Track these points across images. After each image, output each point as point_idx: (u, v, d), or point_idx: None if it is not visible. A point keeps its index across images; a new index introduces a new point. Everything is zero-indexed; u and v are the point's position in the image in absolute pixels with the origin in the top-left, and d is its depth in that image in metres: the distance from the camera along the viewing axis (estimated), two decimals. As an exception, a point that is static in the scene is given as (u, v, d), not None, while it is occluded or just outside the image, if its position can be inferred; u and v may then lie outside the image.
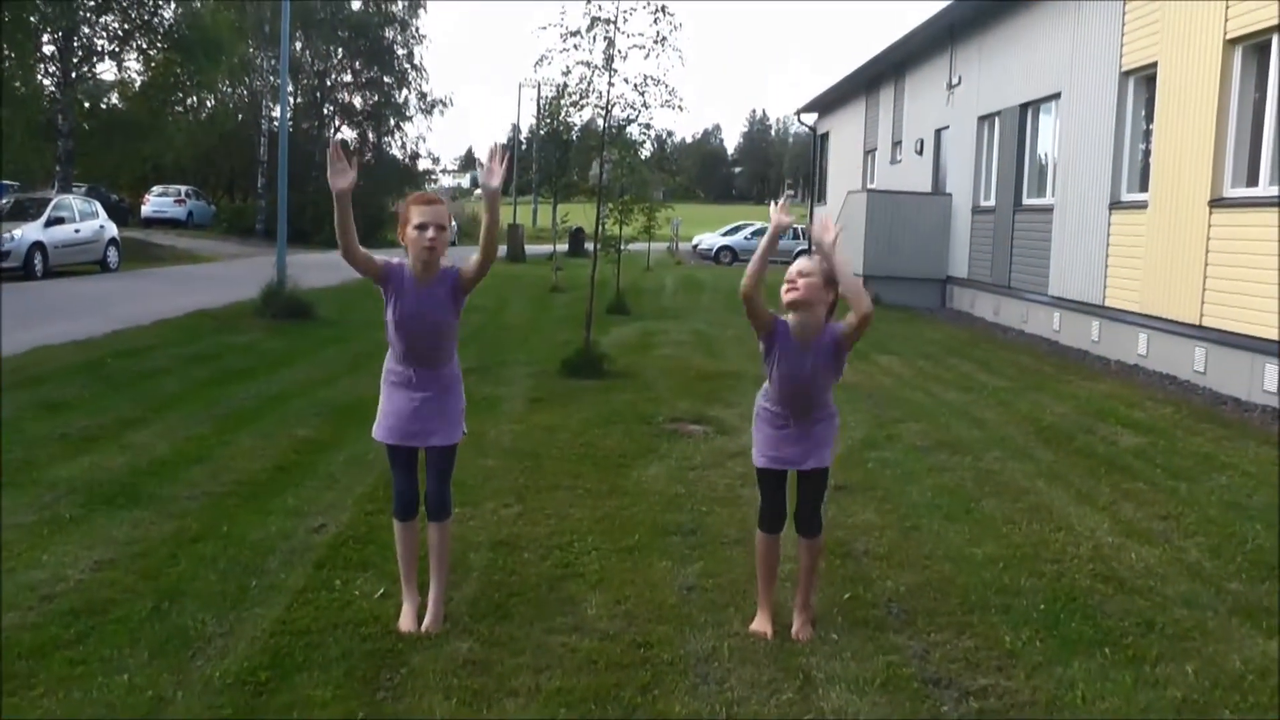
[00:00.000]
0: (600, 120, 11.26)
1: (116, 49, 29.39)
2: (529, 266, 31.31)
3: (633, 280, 22.96)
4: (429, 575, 4.42)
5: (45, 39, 27.25)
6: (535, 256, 35.30)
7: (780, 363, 4.21)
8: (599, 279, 12.11)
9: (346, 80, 46.88)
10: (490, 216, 4.13)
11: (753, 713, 3.68)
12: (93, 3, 27.76)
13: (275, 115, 38.64)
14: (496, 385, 10.11)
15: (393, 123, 47.59)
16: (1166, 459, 7.74)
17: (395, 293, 4.23)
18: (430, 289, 4.20)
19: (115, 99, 32.84)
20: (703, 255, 42.62)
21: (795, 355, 4.18)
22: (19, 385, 9.22)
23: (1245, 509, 6.42)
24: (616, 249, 15.73)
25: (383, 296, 4.27)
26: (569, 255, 32.23)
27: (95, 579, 4.71)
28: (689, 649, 4.18)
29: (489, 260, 4.19)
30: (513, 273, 28.73)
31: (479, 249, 4.16)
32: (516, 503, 6.13)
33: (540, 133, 42.32)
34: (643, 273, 28.11)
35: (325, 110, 46.43)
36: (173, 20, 29.12)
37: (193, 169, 45.47)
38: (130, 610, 4.36)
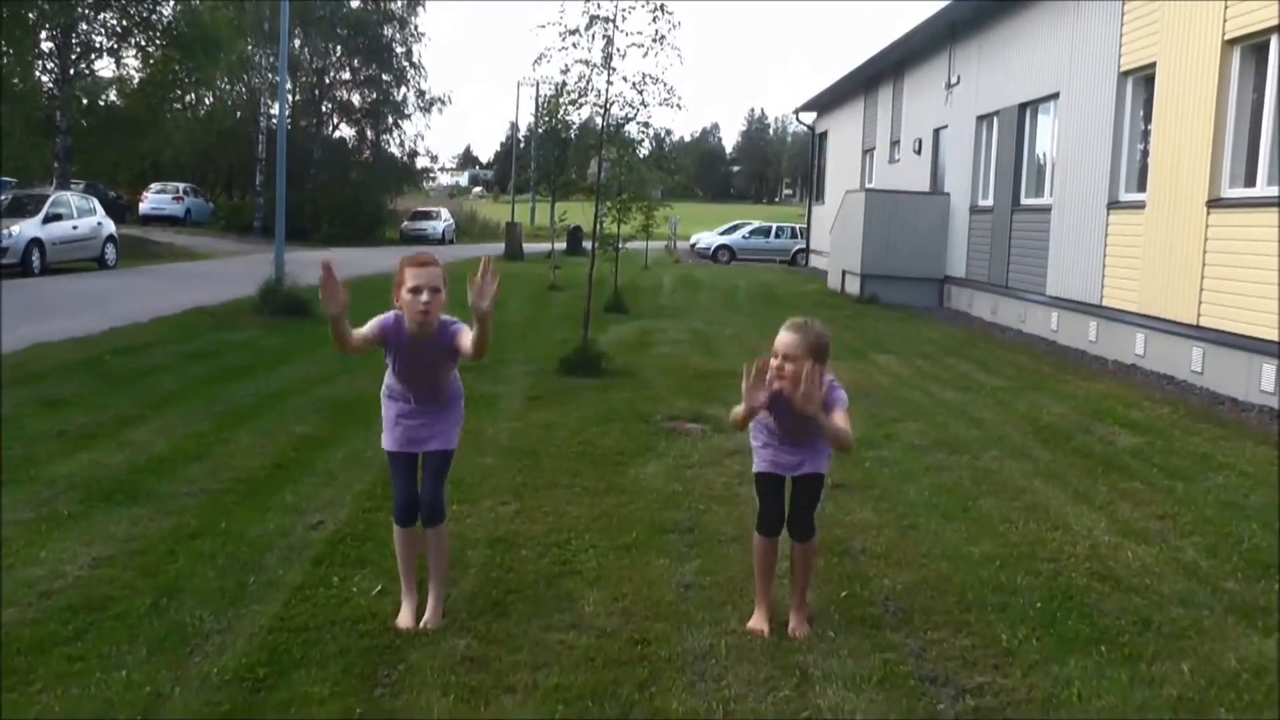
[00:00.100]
0: (599, 119, 11.26)
1: (115, 46, 29.42)
2: (527, 265, 31.33)
3: (631, 279, 22.99)
4: (427, 574, 4.44)
5: (44, 35, 27.25)
6: (533, 255, 35.32)
7: (779, 418, 4.31)
8: (597, 277, 12.13)
9: (345, 78, 46.98)
10: (480, 329, 4.06)
11: (750, 710, 3.68)
12: (91, -1, 27.80)
13: (274, 112, 38.65)
14: (494, 383, 10.11)
15: (391, 120, 47.74)
16: (1164, 458, 7.76)
17: (394, 349, 4.28)
18: (428, 342, 4.24)
19: (114, 96, 32.82)
20: (700, 254, 42.68)
21: (792, 415, 4.23)
22: (18, 382, 9.22)
23: (1242, 508, 6.44)
24: (614, 247, 15.73)
25: (383, 351, 4.32)
26: (567, 254, 32.23)
27: (94, 575, 4.71)
28: (686, 646, 4.19)
29: (481, 356, 4.19)
30: (511, 271, 28.74)
31: (473, 344, 4.13)
32: (514, 500, 6.14)
33: (539, 131, 42.30)
34: (641, 271, 28.14)
35: (324, 108, 46.51)
36: (171, 17, 29.14)
37: (191, 166, 45.54)
38: (129, 607, 4.37)
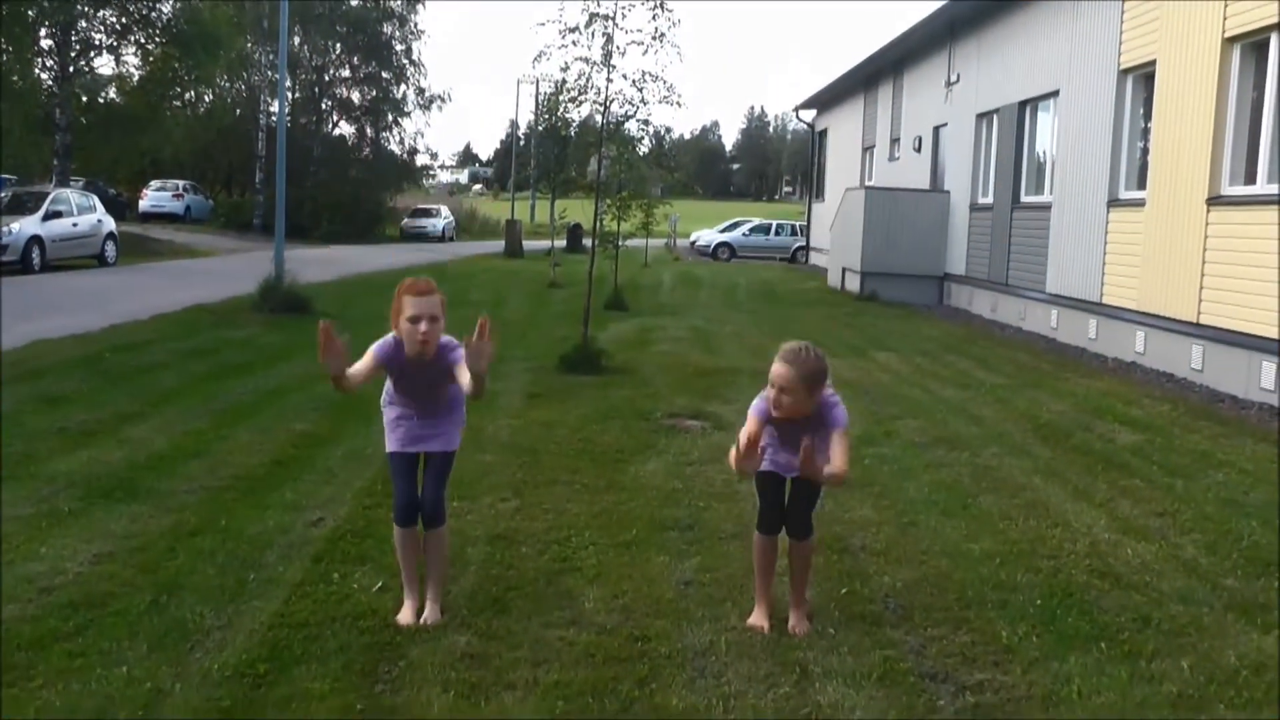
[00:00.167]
0: (599, 116, 11.26)
1: (114, 43, 29.39)
2: (527, 262, 31.32)
3: (631, 276, 22.99)
4: (427, 571, 4.44)
5: (43, 33, 27.22)
6: (533, 252, 35.32)
7: (779, 432, 4.33)
8: (597, 275, 12.12)
9: (345, 75, 46.95)
10: (477, 382, 4.04)
11: (750, 706, 3.69)
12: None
13: (273, 110, 38.63)
14: (494, 380, 10.06)
15: (391, 118, 47.71)
16: (1163, 456, 7.76)
17: (395, 371, 4.32)
18: (428, 364, 4.25)
19: (113, 93, 32.79)
20: (700, 251, 42.68)
21: (792, 431, 4.27)
22: (17, 379, 9.22)
23: (1241, 506, 6.44)
24: (615, 245, 15.73)
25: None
26: (567, 251, 32.20)
27: (94, 572, 4.71)
28: (686, 643, 4.19)
29: (479, 399, 4.22)
30: (511, 268, 28.75)
31: (469, 389, 4.13)
32: (514, 497, 6.14)
33: (539, 128, 42.28)
34: (641, 269, 28.13)
35: (323, 105, 46.48)
36: (171, 15, 29.11)
37: (190, 164, 45.51)
38: (129, 603, 4.37)
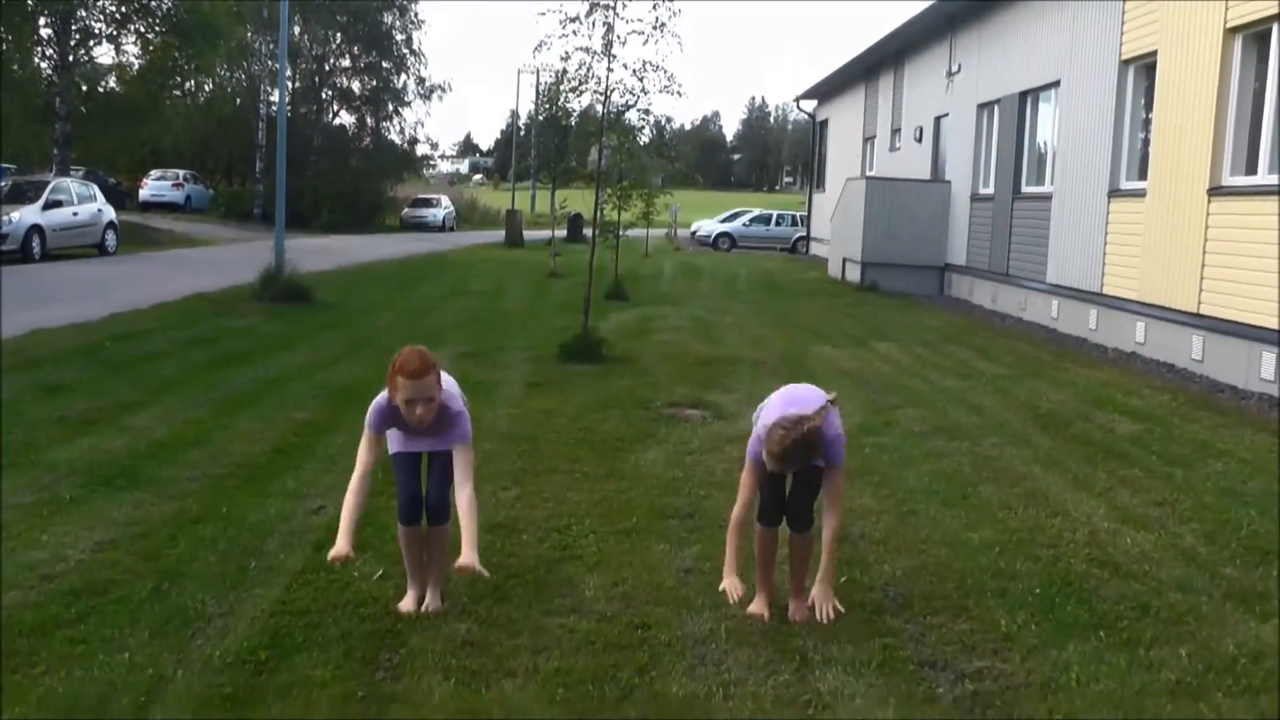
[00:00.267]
0: (599, 106, 11.25)
1: (114, 32, 29.35)
2: (527, 252, 31.30)
3: (631, 266, 22.98)
4: (428, 561, 4.44)
5: (42, 22, 27.17)
6: (533, 242, 35.28)
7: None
8: (597, 265, 12.12)
9: (345, 65, 46.92)
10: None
11: (749, 693, 3.70)
12: (90, -14, 27.71)
13: (273, 100, 38.61)
14: (494, 370, 10.13)
15: (391, 108, 47.67)
16: (1163, 446, 7.76)
17: (397, 423, 4.32)
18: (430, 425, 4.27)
19: (113, 82, 32.75)
20: (701, 241, 42.60)
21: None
22: (18, 368, 9.22)
23: (1241, 495, 6.45)
24: (615, 235, 15.73)
25: None
26: (567, 241, 32.16)
27: (95, 559, 4.73)
28: (686, 630, 4.20)
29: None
30: (511, 258, 28.74)
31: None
32: (514, 486, 6.15)
33: (539, 118, 42.24)
34: (641, 259, 28.11)
35: (324, 95, 46.43)
36: (170, 4, 29.04)
37: (190, 153, 45.44)
38: (131, 590, 4.38)
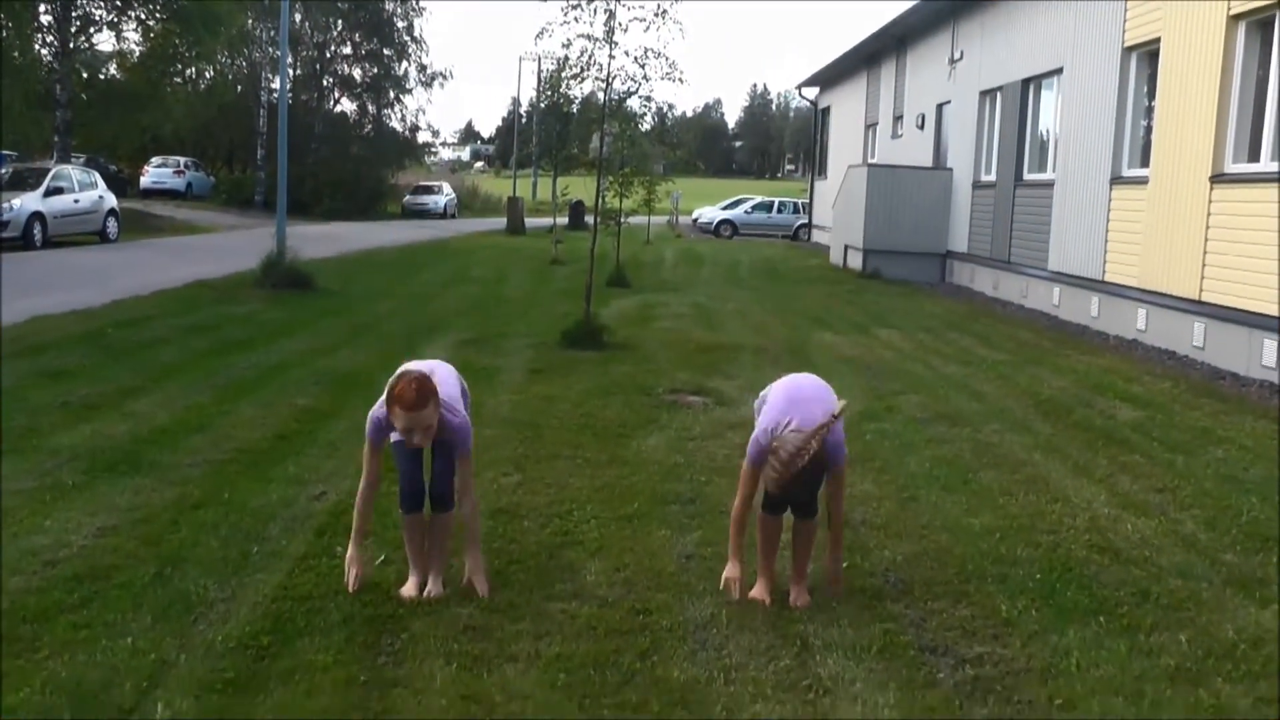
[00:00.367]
0: (600, 93, 11.24)
1: (114, 19, 29.25)
2: (529, 239, 31.29)
3: (632, 253, 22.95)
4: (430, 547, 4.45)
5: (43, 8, 27.09)
6: (535, 229, 35.25)
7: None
8: (599, 252, 12.11)
9: (346, 52, 46.83)
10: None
11: (750, 678, 3.70)
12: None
13: (274, 87, 38.51)
14: (496, 356, 10.13)
15: (392, 95, 47.57)
16: (1164, 433, 7.77)
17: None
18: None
19: (113, 69, 32.68)
20: (702, 229, 42.57)
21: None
22: (19, 354, 9.23)
23: (1241, 482, 6.45)
24: (616, 222, 15.71)
25: None
26: (569, 228, 32.10)
27: (98, 545, 4.74)
28: (687, 615, 4.21)
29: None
30: (512, 245, 28.71)
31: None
32: (516, 471, 6.16)
33: (541, 105, 42.19)
34: (642, 246, 28.09)
35: (325, 82, 46.34)
36: (171, -10, 28.97)
37: (191, 140, 45.35)
38: (133, 575, 4.39)
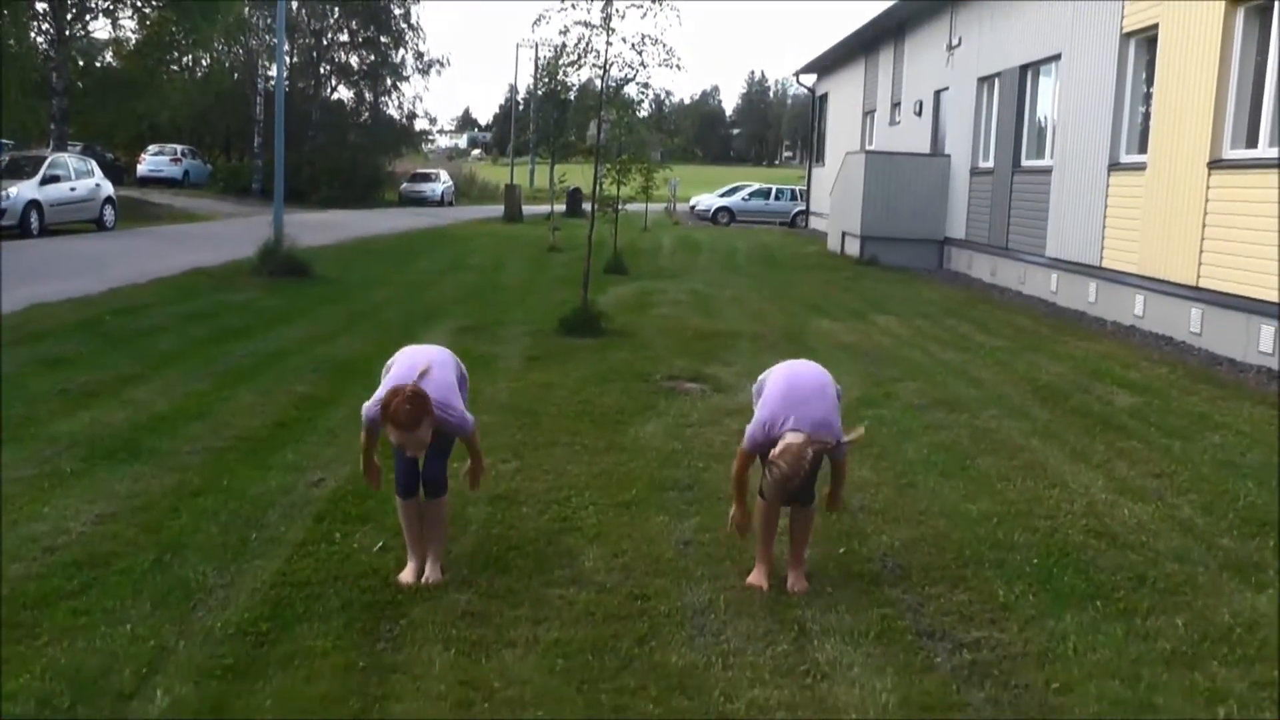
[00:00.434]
0: (598, 80, 11.21)
1: (110, 6, 29.10)
2: (526, 227, 31.24)
3: (630, 240, 22.93)
4: (427, 534, 4.46)
5: (38, -5, 26.98)
6: (532, 217, 35.20)
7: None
8: (596, 239, 12.10)
9: (343, 39, 46.58)
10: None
11: (748, 663, 3.72)
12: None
13: (271, 74, 38.39)
14: (493, 344, 10.13)
15: (389, 82, 47.39)
16: (1161, 418, 7.78)
17: None
18: None
19: (110, 57, 32.56)
20: (700, 216, 42.54)
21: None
22: (18, 342, 9.22)
23: (1238, 467, 6.47)
24: (614, 209, 15.69)
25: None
26: (566, 215, 32.06)
27: (97, 531, 4.75)
28: (686, 601, 4.23)
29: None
30: (510, 233, 28.67)
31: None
32: (514, 458, 6.17)
33: (538, 93, 42.07)
34: (640, 233, 28.06)
35: (322, 70, 46.16)
36: (167, -22, 28.83)
37: (188, 128, 45.24)
38: (132, 562, 4.40)
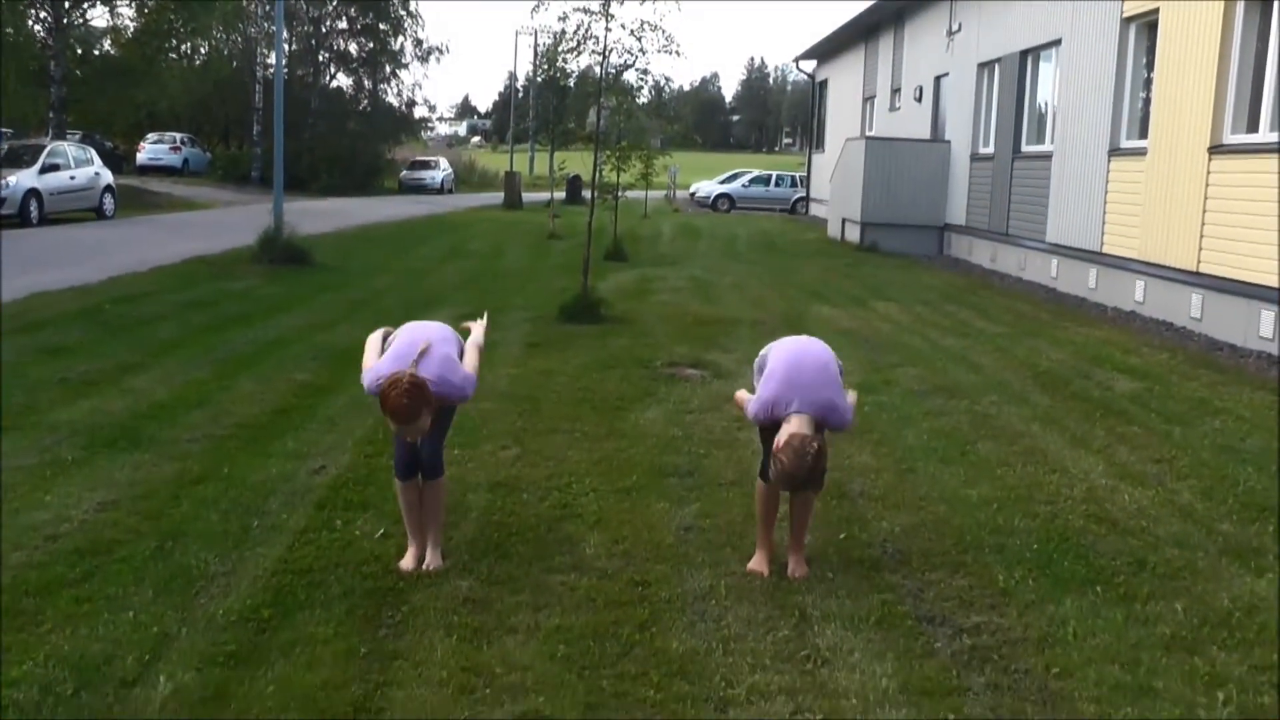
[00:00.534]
0: (597, 67, 11.18)
1: (108, -6, 29.06)
2: (526, 214, 31.20)
3: (630, 227, 22.91)
4: (425, 519, 4.46)
5: (36, -16, 26.91)
6: (532, 204, 35.18)
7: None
8: (596, 226, 12.09)
9: (342, 27, 46.46)
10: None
11: (749, 649, 3.73)
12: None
13: (270, 62, 38.31)
14: (494, 330, 10.04)
15: (389, 70, 47.31)
16: (1161, 404, 7.78)
17: None
18: None
19: (108, 45, 32.49)
20: (700, 203, 42.46)
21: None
22: (18, 331, 9.22)
23: (1238, 452, 6.47)
24: (614, 196, 15.67)
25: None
26: (566, 203, 32.06)
27: (99, 519, 4.76)
28: (686, 587, 4.24)
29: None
30: (510, 220, 28.65)
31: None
32: (515, 445, 6.17)
33: (537, 80, 41.97)
34: (640, 220, 28.03)
35: (321, 57, 46.04)
36: (165, -35, 28.76)
37: (188, 116, 45.15)
38: (134, 550, 4.41)
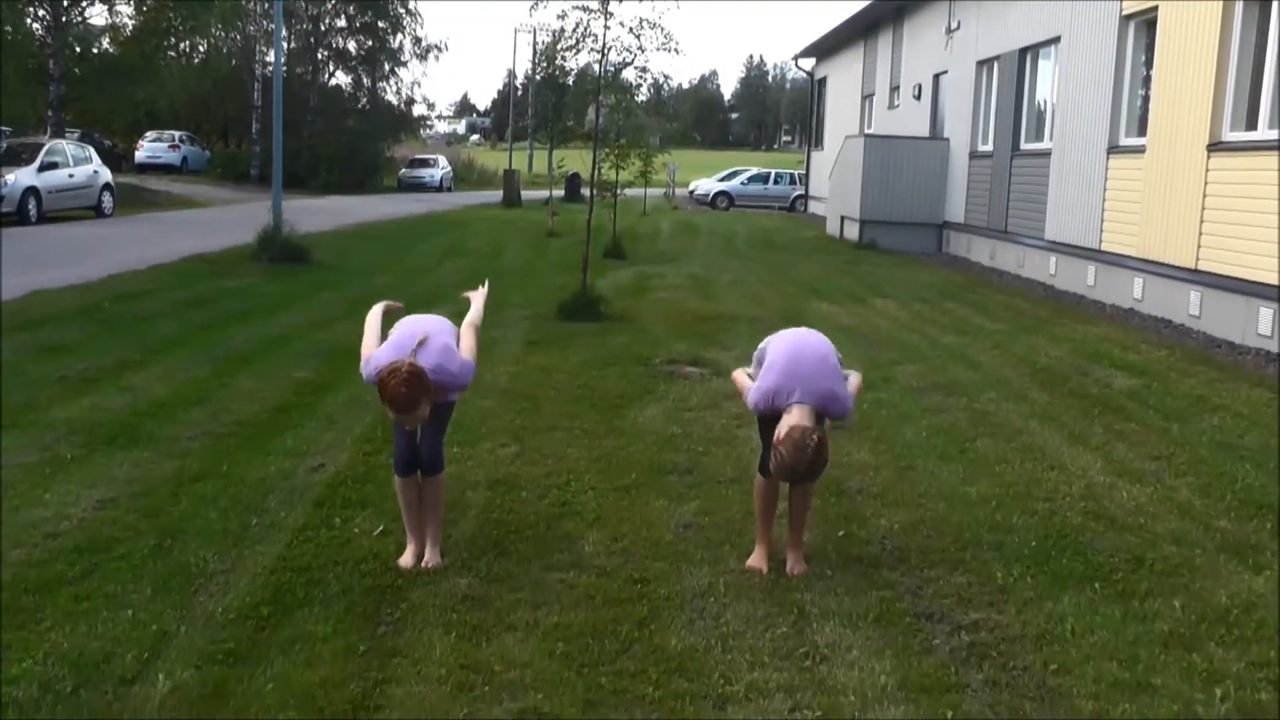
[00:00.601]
0: (596, 65, 11.19)
1: (107, -8, 29.04)
2: (525, 211, 31.21)
3: (629, 225, 22.91)
4: (425, 516, 4.47)
5: (34, -18, 26.89)
6: (531, 202, 35.18)
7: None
8: (595, 224, 12.09)
9: (341, 25, 46.42)
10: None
11: (748, 646, 3.73)
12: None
13: (269, 60, 38.28)
14: (493, 328, 10.11)
15: (388, 68, 47.29)
16: (1160, 401, 7.79)
17: None
18: None
19: (107, 43, 32.46)
20: (699, 200, 42.48)
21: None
22: (17, 328, 9.22)
23: (1236, 449, 6.48)
24: (613, 194, 15.68)
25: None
26: (565, 201, 32.03)
27: (98, 517, 4.76)
28: (685, 585, 4.24)
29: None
30: (509, 218, 28.65)
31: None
32: (513, 443, 6.18)
33: (536, 77, 42.01)
34: (639, 218, 28.03)
35: (320, 55, 46.02)
36: (164, -37, 28.74)
37: (186, 114, 45.16)
38: (133, 547, 4.41)
